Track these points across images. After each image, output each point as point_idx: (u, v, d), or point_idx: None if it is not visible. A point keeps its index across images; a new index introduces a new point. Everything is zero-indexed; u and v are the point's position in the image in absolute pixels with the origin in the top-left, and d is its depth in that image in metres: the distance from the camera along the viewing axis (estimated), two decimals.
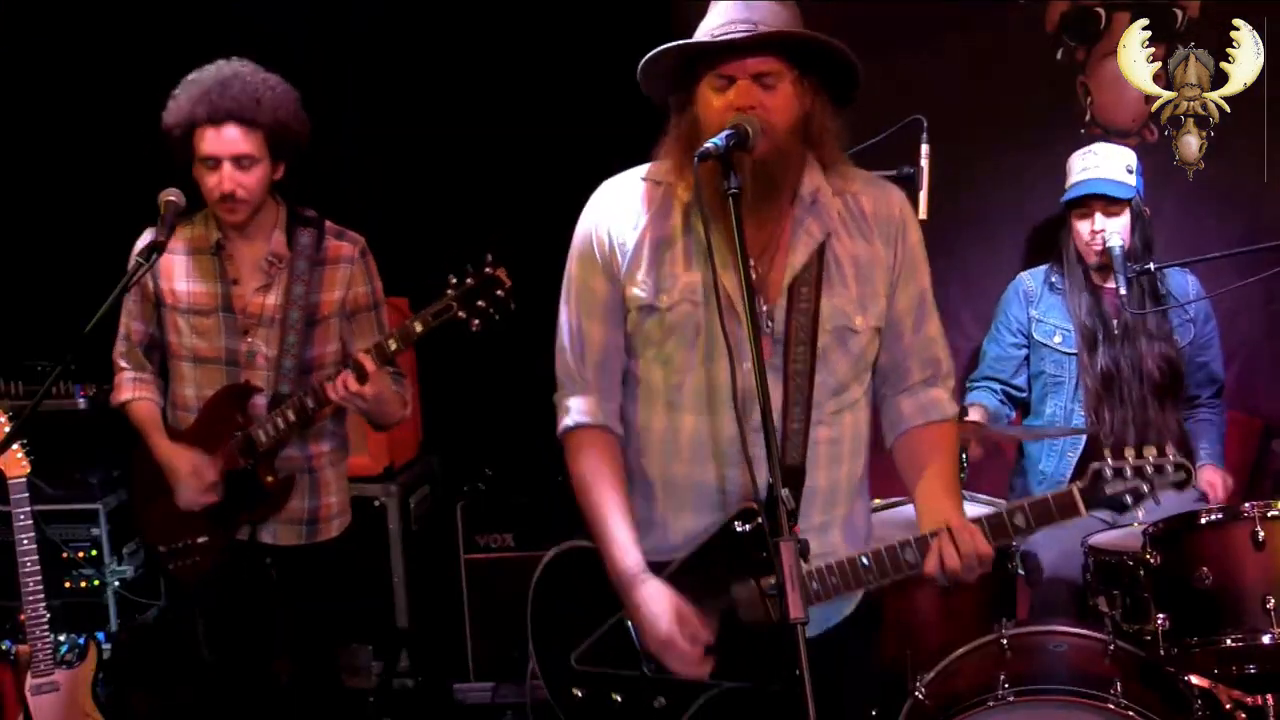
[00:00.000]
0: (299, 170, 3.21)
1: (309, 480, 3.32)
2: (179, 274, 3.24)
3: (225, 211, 3.16)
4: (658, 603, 2.35)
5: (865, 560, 2.31)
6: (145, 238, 3.19)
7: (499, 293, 2.96)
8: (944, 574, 2.27)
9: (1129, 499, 2.21)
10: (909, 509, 2.34)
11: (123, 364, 3.36)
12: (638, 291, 2.40)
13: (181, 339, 3.25)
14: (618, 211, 2.44)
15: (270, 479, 3.24)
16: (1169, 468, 2.20)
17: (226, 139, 3.08)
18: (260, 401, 3.23)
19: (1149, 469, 2.20)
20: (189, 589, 3.39)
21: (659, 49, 2.32)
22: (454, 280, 2.99)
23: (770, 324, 2.35)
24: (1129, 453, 2.23)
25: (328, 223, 3.31)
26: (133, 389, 3.34)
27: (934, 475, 2.43)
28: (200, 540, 3.26)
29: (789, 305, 2.36)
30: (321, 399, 3.13)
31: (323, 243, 3.26)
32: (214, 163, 3.09)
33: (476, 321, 2.98)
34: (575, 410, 2.50)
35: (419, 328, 3.03)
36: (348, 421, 3.47)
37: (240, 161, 3.10)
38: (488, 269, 2.96)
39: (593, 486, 2.46)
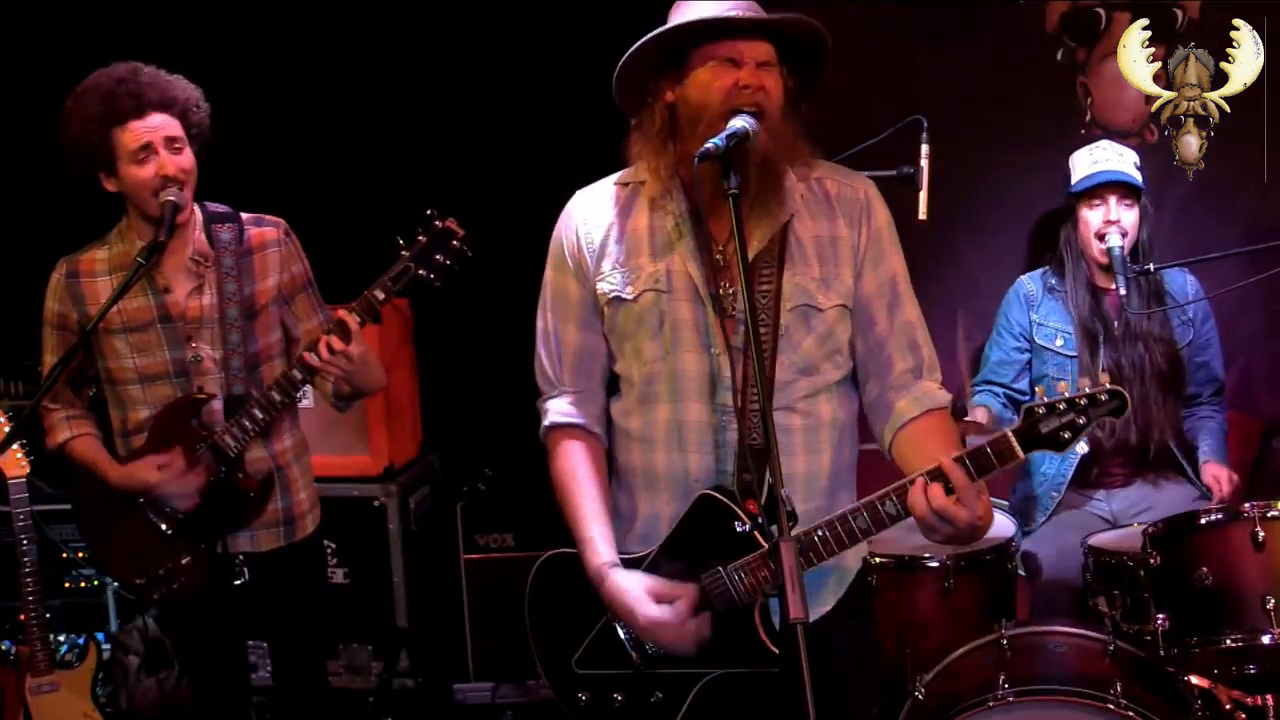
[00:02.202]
0: (299, 170, 3.19)
1: (279, 479, 3.23)
2: (107, 296, 3.08)
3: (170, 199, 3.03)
4: (630, 590, 2.36)
5: (821, 533, 2.26)
6: (61, 269, 3.15)
7: (454, 243, 2.94)
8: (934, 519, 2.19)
9: (1066, 434, 2.17)
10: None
11: (51, 404, 3.22)
12: (605, 285, 2.44)
13: (123, 361, 3.12)
14: (587, 214, 2.49)
15: (248, 483, 3.16)
16: (1103, 396, 2.17)
17: (155, 124, 3.01)
18: (216, 406, 3.12)
19: (1082, 401, 2.17)
20: (177, 614, 3.27)
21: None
22: (404, 242, 2.97)
23: (735, 307, 2.36)
24: (1063, 387, 2.21)
25: (242, 214, 3.23)
26: (69, 428, 3.23)
27: (936, 454, 2.29)
28: (184, 561, 3.14)
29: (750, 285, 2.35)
30: (307, 369, 3.03)
31: (244, 233, 3.19)
32: (148, 151, 3.01)
33: (436, 278, 2.95)
34: (552, 411, 2.54)
35: (381, 295, 2.98)
36: (345, 421, 3.43)
37: (172, 144, 3.03)
38: (436, 223, 2.94)
39: (567, 488, 2.50)
